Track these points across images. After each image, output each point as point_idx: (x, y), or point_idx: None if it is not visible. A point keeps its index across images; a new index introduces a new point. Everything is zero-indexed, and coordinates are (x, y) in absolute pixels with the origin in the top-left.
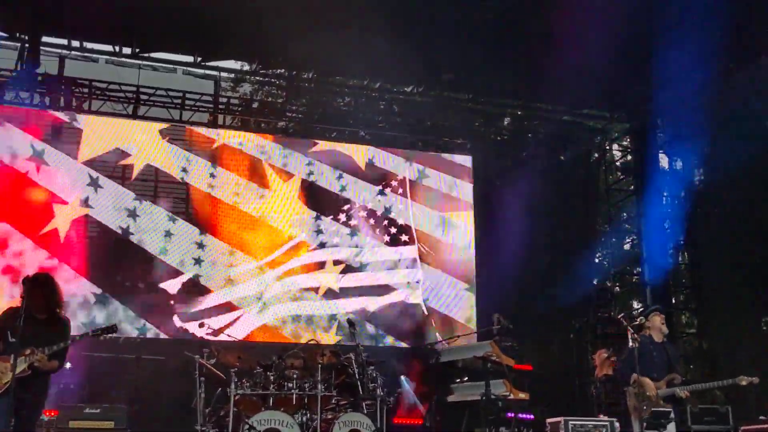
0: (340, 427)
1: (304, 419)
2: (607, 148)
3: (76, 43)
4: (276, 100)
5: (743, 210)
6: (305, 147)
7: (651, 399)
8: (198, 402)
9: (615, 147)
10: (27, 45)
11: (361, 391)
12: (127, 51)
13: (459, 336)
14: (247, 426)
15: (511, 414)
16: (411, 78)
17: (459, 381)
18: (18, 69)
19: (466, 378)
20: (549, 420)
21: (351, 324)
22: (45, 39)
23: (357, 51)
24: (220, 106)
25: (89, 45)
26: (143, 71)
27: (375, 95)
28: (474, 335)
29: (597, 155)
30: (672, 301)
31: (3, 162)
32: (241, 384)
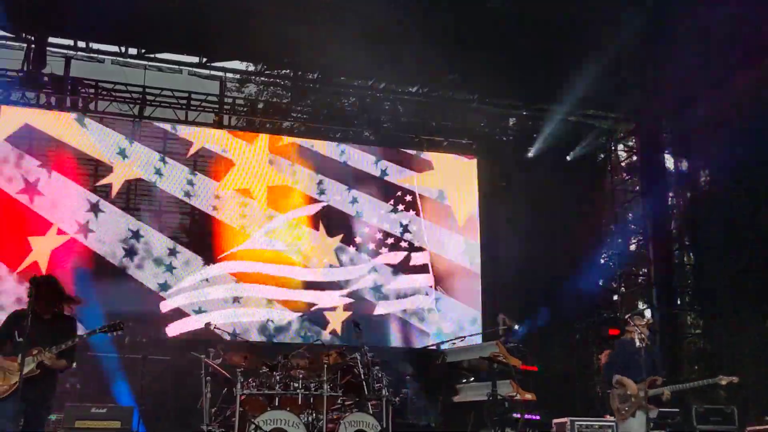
0: (345, 427)
1: (309, 419)
2: (613, 148)
3: (82, 44)
4: (281, 100)
5: (749, 211)
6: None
7: (633, 400)
8: (204, 402)
9: (621, 147)
10: (33, 46)
11: (367, 392)
12: (133, 52)
13: (465, 337)
14: (253, 426)
15: (518, 414)
16: (416, 78)
17: (465, 381)
18: (24, 69)
19: (472, 378)
20: (555, 420)
21: (356, 325)
22: (51, 40)
23: (361, 51)
24: (225, 106)
25: (95, 46)
26: (149, 72)
27: (380, 96)
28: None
29: (602, 156)
30: (677, 302)
31: None
32: (247, 384)
